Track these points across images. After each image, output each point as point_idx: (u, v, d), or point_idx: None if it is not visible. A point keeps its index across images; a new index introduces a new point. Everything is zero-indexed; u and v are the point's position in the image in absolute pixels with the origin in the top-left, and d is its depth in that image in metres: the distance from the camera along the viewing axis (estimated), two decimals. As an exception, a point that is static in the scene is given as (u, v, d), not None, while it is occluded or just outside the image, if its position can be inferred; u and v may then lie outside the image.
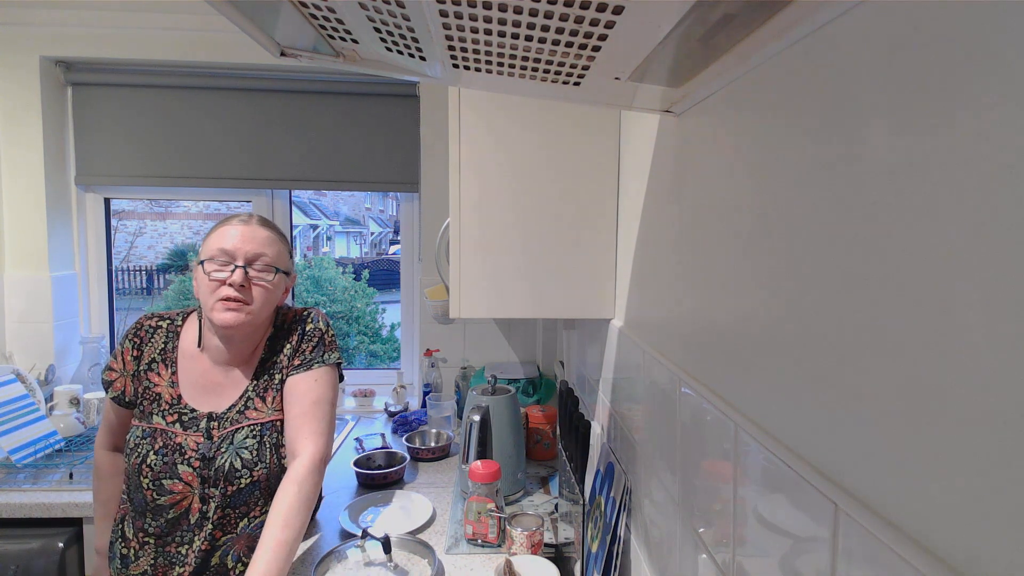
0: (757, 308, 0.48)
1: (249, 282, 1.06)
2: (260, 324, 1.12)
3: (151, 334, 1.12)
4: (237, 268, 1.05)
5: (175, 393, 1.09)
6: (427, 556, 1.09)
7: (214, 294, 1.05)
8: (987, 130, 0.25)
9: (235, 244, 1.06)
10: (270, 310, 1.12)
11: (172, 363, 1.11)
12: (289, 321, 1.17)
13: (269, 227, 1.12)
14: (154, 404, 1.09)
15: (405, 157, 2.06)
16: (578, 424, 1.06)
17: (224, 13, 0.44)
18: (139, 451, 1.05)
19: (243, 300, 1.05)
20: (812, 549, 0.38)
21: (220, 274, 1.05)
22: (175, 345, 1.12)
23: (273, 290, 1.10)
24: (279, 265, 1.11)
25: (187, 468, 1.04)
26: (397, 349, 4.36)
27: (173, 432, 1.07)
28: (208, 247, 1.07)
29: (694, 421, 0.61)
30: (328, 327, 1.18)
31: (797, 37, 0.41)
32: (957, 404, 0.27)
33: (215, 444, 1.06)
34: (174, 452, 1.05)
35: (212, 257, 1.06)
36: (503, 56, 0.50)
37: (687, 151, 0.66)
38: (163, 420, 1.08)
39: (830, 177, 0.37)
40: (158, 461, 1.04)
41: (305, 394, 1.09)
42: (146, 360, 1.11)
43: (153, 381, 1.10)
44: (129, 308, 5.15)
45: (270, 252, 1.09)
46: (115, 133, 2.00)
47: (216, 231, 1.09)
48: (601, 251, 1.05)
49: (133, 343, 1.11)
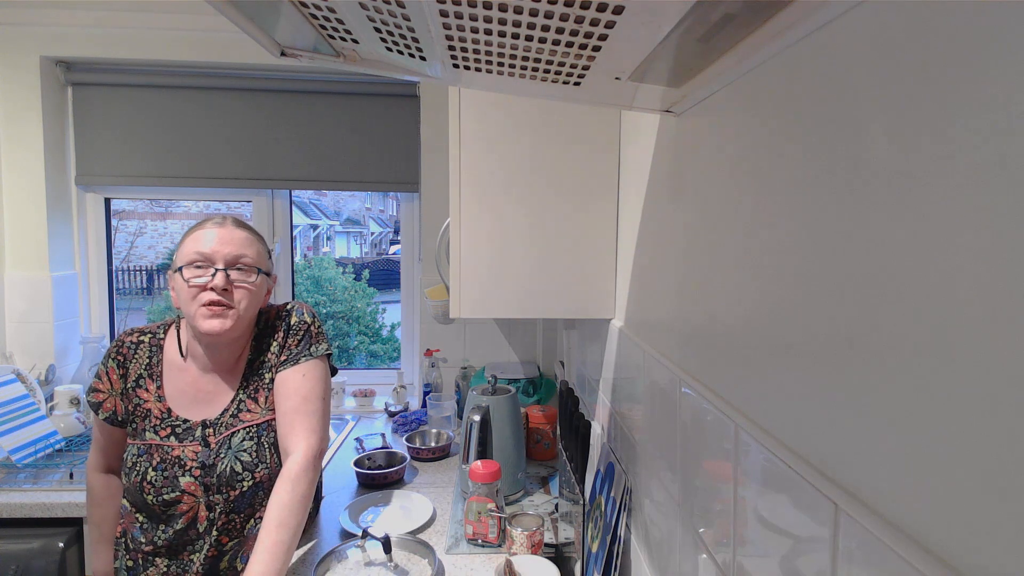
0: (758, 308, 0.48)
1: (231, 285, 1.04)
2: (245, 328, 1.10)
3: (134, 350, 1.10)
4: (218, 271, 1.02)
5: (164, 407, 1.08)
6: (427, 556, 1.09)
7: (195, 300, 1.02)
8: (987, 130, 0.25)
9: (213, 247, 1.03)
10: (254, 312, 1.10)
11: (158, 376, 1.09)
12: (272, 318, 1.14)
13: (245, 228, 1.10)
14: (145, 420, 1.07)
15: (405, 157, 2.06)
16: (578, 424, 1.06)
17: (224, 13, 0.44)
18: (137, 469, 1.04)
19: (227, 304, 1.02)
20: (812, 549, 0.38)
21: (200, 279, 1.02)
22: (160, 358, 1.10)
23: (256, 291, 1.07)
24: (260, 266, 1.09)
25: (189, 479, 1.04)
26: (397, 349, 4.36)
27: (169, 446, 1.05)
28: (184, 253, 1.03)
29: (694, 421, 0.61)
30: (314, 318, 1.15)
31: (797, 37, 0.41)
32: (958, 404, 0.27)
33: (213, 451, 1.06)
34: (173, 465, 1.04)
35: (190, 262, 1.02)
36: (503, 56, 0.50)
37: (687, 151, 0.66)
38: (156, 435, 1.06)
39: (830, 177, 0.37)
40: (158, 477, 1.03)
41: (295, 390, 1.07)
42: (133, 377, 1.09)
43: (142, 397, 1.08)
44: (129, 308, 5.15)
45: (250, 253, 1.07)
46: (115, 133, 2.00)
47: (190, 235, 1.05)
48: (601, 251, 1.05)
49: (117, 361, 1.08)
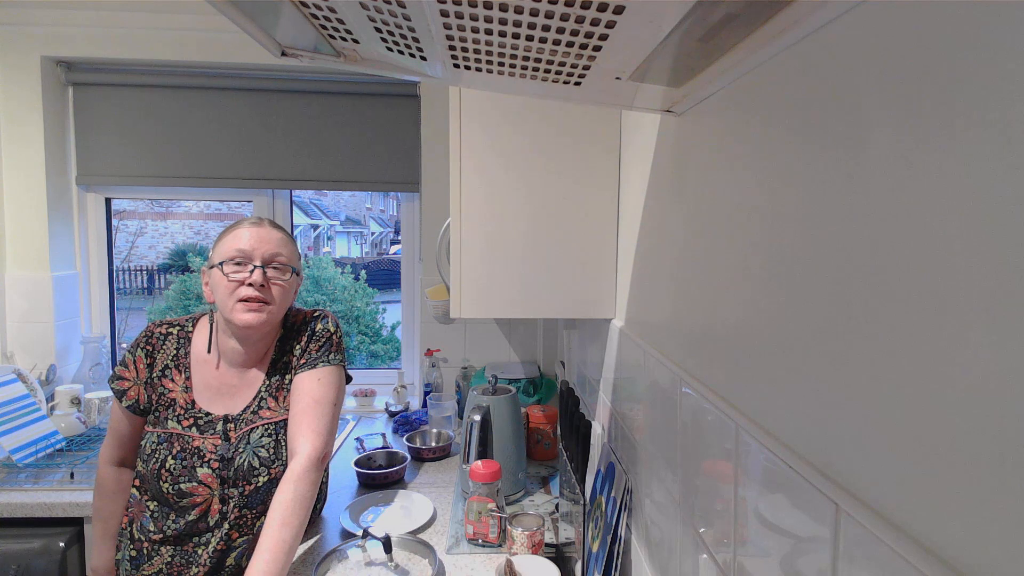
0: (758, 308, 0.48)
1: (268, 281, 1.08)
2: (275, 324, 1.14)
3: (162, 341, 1.14)
4: (256, 268, 1.07)
5: (189, 398, 1.11)
6: (428, 556, 1.09)
7: (233, 295, 1.06)
8: (988, 130, 0.25)
9: (252, 245, 1.08)
10: (286, 309, 1.14)
11: (185, 368, 1.13)
12: (299, 323, 1.19)
13: (280, 229, 1.15)
14: (168, 409, 1.10)
15: (406, 157, 2.06)
16: (579, 424, 1.06)
17: (225, 13, 0.44)
18: (156, 456, 1.07)
19: (264, 300, 1.07)
20: (813, 549, 0.38)
21: (239, 275, 1.07)
22: (187, 351, 1.14)
23: (288, 289, 1.12)
24: (293, 265, 1.13)
25: (207, 470, 1.06)
26: (397, 349, 4.36)
27: (190, 436, 1.08)
28: (223, 249, 1.08)
29: (695, 421, 0.61)
30: (338, 328, 1.20)
31: (798, 37, 0.41)
32: (958, 404, 0.27)
33: (233, 445, 1.08)
34: (192, 456, 1.07)
35: (229, 259, 1.07)
36: (504, 56, 0.50)
37: (688, 151, 0.66)
38: (178, 425, 1.09)
39: (830, 177, 0.37)
40: (177, 465, 1.06)
41: (308, 392, 1.10)
42: (159, 367, 1.12)
43: (167, 387, 1.11)
44: (130, 308, 5.16)
45: (285, 252, 1.12)
46: (116, 133, 2.00)
47: (229, 234, 1.10)
48: (602, 251, 1.05)
49: (145, 351, 1.12)
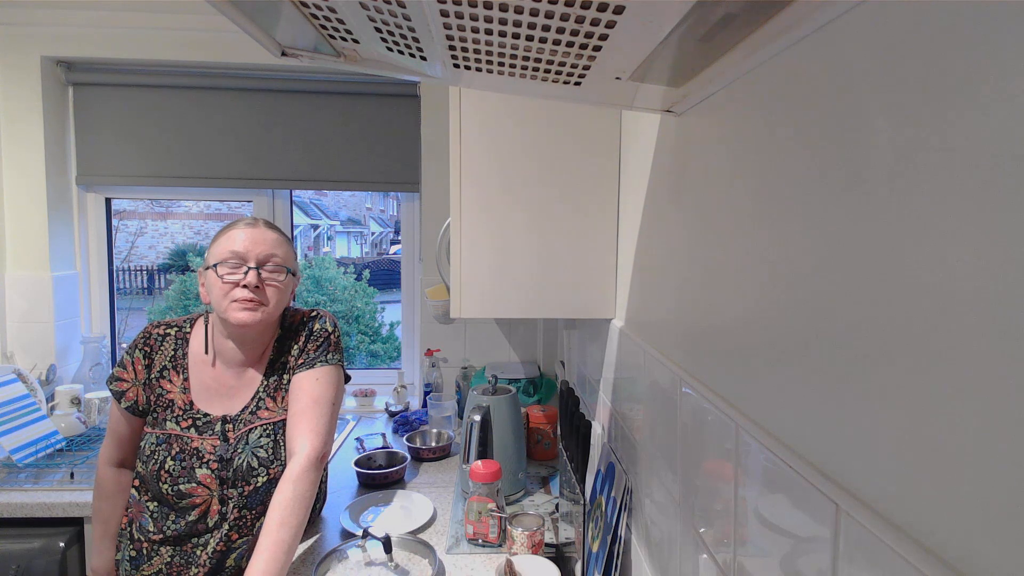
0: (758, 307, 0.48)
1: (262, 282, 1.08)
2: (271, 324, 1.14)
3: (160, 342, 1.14)
4: (250, 270, 1.06)
5: (187, 399, 1.11)
6: (428, 556, 1.09)
7: (228, 296, 1.06)
8: (988, 130, 0.25)
9: (246, 246, 1.08)
10: (281, 310, 1.14)
11: (183, 369, 1.13)
12: (297, 323, 1.19)
13: (275, 229, 1.15)
14: (167, 411, 1.10)
15: (406, 157, 2.06)
16: (579, 424, 1.06)
17: (225, 13, 0.44)
18: (156, 457, 1.07)
19: (258, 300, 1.07)
20: (813, 549, 0.38)
21: (233, 276, 1.06)
22: (185, 351, 1.14)
23: (284, 289, 1.12)
24: (289, 265, 1.13)
25: (205, 471, 1.06)
26: (397, 349, 4.36)
27: (188, 437, 1.08)
28: (217, 251, 1.08)
29: (695, 421, 0.61)
30: (335, 328, 1.20)
31: (798, 37, 0.41)
32: (959, 404, 0.27)
33: (232, 446, 1.08)
34: (191, 456, 1.07)
35: (223, 260, 1.07)
36: (504, 56, 0.50)
37: (688, 151, 0.66)
38: (177, 426, 1.09)
39: (830, 177, 0.37)
40: (176, 466, 1.06)
41: (306, 392, 1.10)
42: (157, 368, 1.12)
43: (165, 388, 1.11)
44: (130, 308, 5.16)
45: (280, 252, 1.11)
46: (116, 133, 2.00)
47: (224, 235, 1.10)
48: (602, 251, 1.05)
49: (143, 352, 1.12)
